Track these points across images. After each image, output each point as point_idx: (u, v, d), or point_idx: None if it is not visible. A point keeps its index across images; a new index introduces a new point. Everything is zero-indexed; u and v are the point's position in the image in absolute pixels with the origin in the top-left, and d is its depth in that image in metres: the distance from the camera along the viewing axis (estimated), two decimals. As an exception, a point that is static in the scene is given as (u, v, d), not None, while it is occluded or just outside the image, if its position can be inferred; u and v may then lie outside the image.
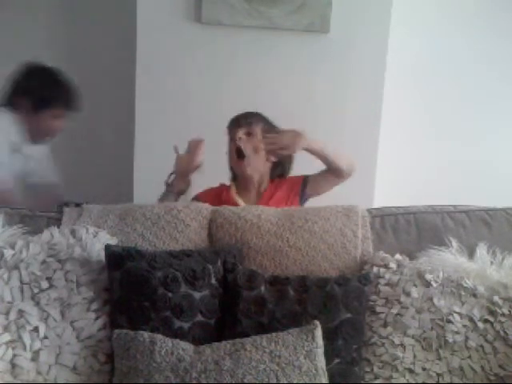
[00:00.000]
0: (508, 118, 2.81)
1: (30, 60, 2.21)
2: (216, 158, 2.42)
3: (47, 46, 2.79)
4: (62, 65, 2.77)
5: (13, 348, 1.36)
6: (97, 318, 1.44)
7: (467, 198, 1.77)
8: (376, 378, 1.46)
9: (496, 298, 1.50)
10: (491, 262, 1.60)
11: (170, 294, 1.42)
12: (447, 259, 1.58)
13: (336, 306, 1.44)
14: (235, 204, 1.96)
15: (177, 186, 2.00)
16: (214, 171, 2.43)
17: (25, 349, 1.36)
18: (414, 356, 1.46)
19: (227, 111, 2.41)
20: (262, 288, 1.47)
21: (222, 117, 2.41)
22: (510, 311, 1.49)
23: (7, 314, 1.39)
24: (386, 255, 1.60)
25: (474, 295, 1.51)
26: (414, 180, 2.68)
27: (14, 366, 1.35)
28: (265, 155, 2.03)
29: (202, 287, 1.46)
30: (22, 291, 1.43)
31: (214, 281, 1.49)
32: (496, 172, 2.76)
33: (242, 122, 2.05)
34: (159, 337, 1.33)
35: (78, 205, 1.79)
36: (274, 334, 1.33)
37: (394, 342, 1.47)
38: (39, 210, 1.72)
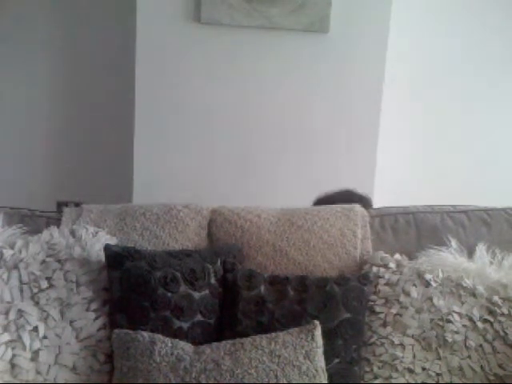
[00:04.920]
0: (508, 117, 2.81)
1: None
2: (214, 159, 2.43)
3: (47, 47, 2.79)
4: (61, 65, 2.78)
5: (12, 348, 1.36)
6: (96, 318, 1.44)
7: (467, 198, 1.77)
8: (375, 377, 1.46)
9: (495, 298, 1.50)
10: (491, 262, 1.60)
11: (169, 294, 1.42)
12: (447, 259, 1.58)
13: (336, 305, 1.44)
14: None
15: None
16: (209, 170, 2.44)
17: (24, 349, 1.36)
18: (414, 356, 1.46)
19: (227, 111, 2.41)
20: (262, 288, 1.48)
21: (221, 116, 2.41)
22: (509, 311, 1.49)
23: (7, 313, 1.39)
24: (386, 255, 1.60)
25: (474, 295, 1.51)
26: (413, 180, 2.68)
27: (13, 365, 1.35)
28: None
29: (201, 287, 1.46)
30: (21, 291, 1.42)
31: (213, 281, 1.49)
32: (495, 172, 2.76)
33: None
34: (159, 337, 1.33)
35: (77, 205, 1.80)
36: (273, 334, 1.34)
37: (393, 341, 1.47)
38: (39, 209, 1.72)
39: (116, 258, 1.45)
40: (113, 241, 1.58)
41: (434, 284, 1.52)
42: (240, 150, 2.45)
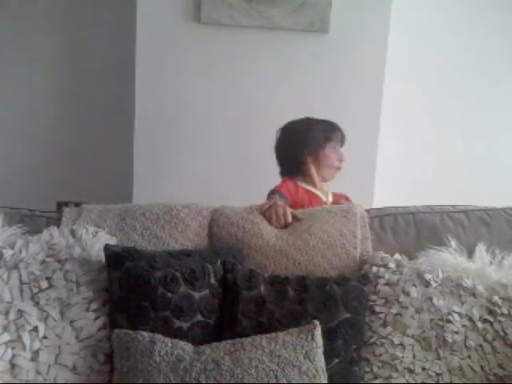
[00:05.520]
0: (508, 117, 2.81)
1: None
2: (214, 159, 2.43)
3: (47, 47, 2.79)
4: (61, 65, 2.78)
5: (12, 348, 1.36)
6: (96, 318, 1.44)
7: (467, 198, 1.77)
8: (375, 377, 1.46)
9: (495, 298, 1.50)
10: (490, 262, 1.60)
11: (169, 294, 1.42)
12: (446, 259, 1.58)
13: (335, 305, 1.44)
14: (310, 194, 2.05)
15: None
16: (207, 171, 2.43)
17: (24, 349, 1.36)
18: (414, 356, 1.46)
19: (226, 111, 2.41)
20: (262, 288, 1.48)
21: (221, 116, 2.41)
22: (509, 311, 1.49)
23: (7, 313, 1.39)
24: (386, 255, 1.60)
25: (474, 295, 1.51)
26: (413, 180, 2.68)
27: (13, 365, 1.35)
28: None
29: (201, 287, 1.46)
30: (21, 291, 1.42)
31: (213, 281, 1.49)
32: (495, 172, 2.76)
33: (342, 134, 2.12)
34: (159, 337, 1.33)
35: (77, 205, 1.80)
36: (273, 334, 1.34)
37: (393, 341, 1.47)
38: (39, 209, 1.72)
39: (116, 258, 1.45)
40: (113, 241, 1.58)
41: (433, 284, 1.52)
42: (240, 150, 2.45)
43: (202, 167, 2.44)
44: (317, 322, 1.35)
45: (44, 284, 1.44)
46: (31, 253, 1.48)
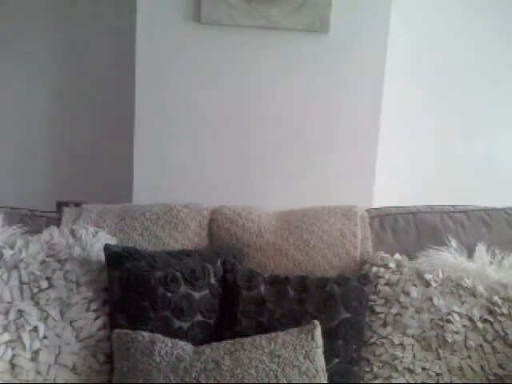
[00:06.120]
0: (508, 117, 2.81)
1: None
2: (214, 159, 2.43)
3: (46, 47, 2.79)
4: (61, 65, 2.78)
5: (12, 348, 1.36)
6: (96, 318, 1.44)
7: (467, 198, 1.77)
8: (375, 377, 1.46)
9: (495, 298, 1.50)
10: (490, 262, 1.60)
11: (169, 294, 1.42)
12: (446, 259, 1.58)
13: (335, 305, 1.44)
14: None
15: None
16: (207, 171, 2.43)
17: (24, 349, 1.36)
18: (414, 356, 1.46)
19: (226, 111, 2.41)
20: (262, 288, 1.48)
21: (221, 116, 2.41)
22: (509, 311, 1.49)
23: (7, 313, 1.39)
24: (386, 255, 1.60)
25: (474, 295, 1.51)
26: (413, 180, 2.68)
27: (13, 365, 1.35)
28: None
29: (201, 287, 1.46)
30: (21, 291, 1.43)
31: (213, 281, 1.49)
32: (495, 172, 2.76)
33: None
34: (159, 337, 1.33)
35: (77, 205, 1.80)
36: (273, 334, 1.34)
37: (393, 341, 1.47)
38: (39, 209, 1.72)
39: (116, 258, 1.45)
40: (113, 241, 1.59)
41: (434, 284, 1.52)
42: (240, 150, 2.45)
43: (202, 167, 2.44)
44: (317, 322, 1.35)
45: (44, 284, 1.44)
46: (31, 253, 1.48)
